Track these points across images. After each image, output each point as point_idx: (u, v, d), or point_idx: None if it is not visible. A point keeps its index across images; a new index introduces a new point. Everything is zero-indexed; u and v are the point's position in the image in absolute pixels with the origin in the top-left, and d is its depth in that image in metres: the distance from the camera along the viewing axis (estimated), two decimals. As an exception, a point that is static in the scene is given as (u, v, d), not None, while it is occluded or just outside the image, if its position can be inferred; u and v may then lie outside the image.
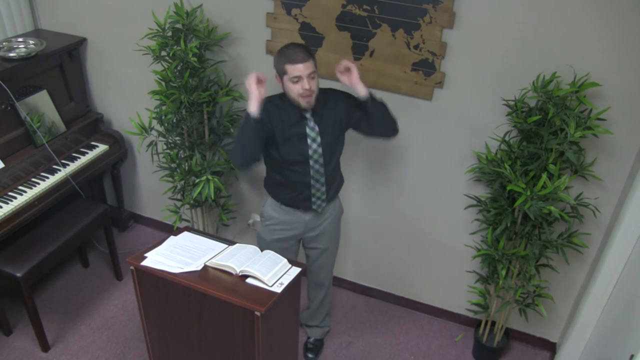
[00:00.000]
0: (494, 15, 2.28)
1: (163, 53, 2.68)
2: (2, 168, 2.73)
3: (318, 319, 2.84)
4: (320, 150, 2.24)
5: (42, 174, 2.90)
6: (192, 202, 3.02)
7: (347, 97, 2.30)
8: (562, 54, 2.24)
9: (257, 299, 1.88)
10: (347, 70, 2.19)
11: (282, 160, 2.27)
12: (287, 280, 1.99)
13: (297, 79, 2.09)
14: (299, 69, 2.07)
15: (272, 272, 1.98)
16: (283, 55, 2.10)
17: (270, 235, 2.48)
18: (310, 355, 2.84)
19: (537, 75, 2.28)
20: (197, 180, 2.82)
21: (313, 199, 2.34)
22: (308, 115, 2.20)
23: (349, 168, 2.91)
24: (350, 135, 2.39)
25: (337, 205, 2.53)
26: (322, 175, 2.31)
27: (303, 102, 2.14)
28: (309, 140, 2.22)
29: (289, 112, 2.19)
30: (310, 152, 2.24)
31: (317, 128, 2.22)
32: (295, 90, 2.12)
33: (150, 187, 3.54)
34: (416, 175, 2.79)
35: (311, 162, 2.26)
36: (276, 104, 2.21)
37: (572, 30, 2.19)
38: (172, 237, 2.19)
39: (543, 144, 2.24)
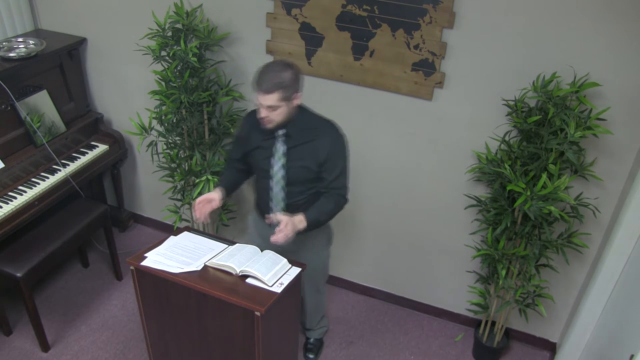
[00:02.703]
0: (494, 15, 2.28)
1: (163, 53, 2.68)
2: (2, 168, 2.73)
3: (312, 322, 2.82)
4: (282, 172, 2.16)
5: (42, 174, 2.90)
6: (192, 202, 3.02)
7: (330, 154, 2.14)
8: (562, 54, 2.24)
9: (257, 299, 1.88)
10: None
11: (254, 167, 2.27)
12: (287, 280, 1.99)
13: (258, 103, 2.03)
14: (258, 97, 1.99)
15: (272, 272, 1.98)
16: (257, 72, 2.00)
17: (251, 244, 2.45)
18: (310, 356, 2.84)
19: (537, 75, 2.28)
20: (197, 180, 2.82)
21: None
22: (279, 133, 2.12)
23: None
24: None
25: (316, 236, 2.35)
26: (282, 200, 2.22)
27: (262, 124, 2.09)
28: (272, 159, 2.16)
29: None
30: (272, 171, 2.17)
31: (282, 149, 2.13)
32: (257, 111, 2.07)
33: (150, 187, 3.54)
34: (416, 175, 2.79)
35: (272, 183, 2.20)
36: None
37: (572, 30, 2.19)
38: (172, 237, 2.19)
39: (543, 144, 2.24)
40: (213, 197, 2.18)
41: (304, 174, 2.16)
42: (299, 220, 2.09)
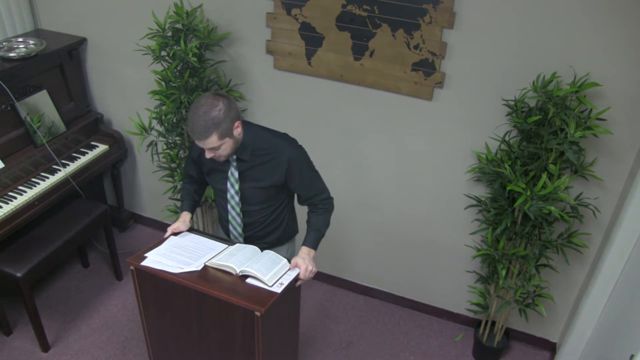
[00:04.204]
0: (494, 15, 2.28)
1: (163, 53, 2.68)
2: (2, 168, 2.73)
3: None
4: (237, 198, 2.11)
5: (42, 174, 2.90)
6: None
7: (291, 172, 2.05)
8: (562, 54, 2.24)
9: (257, 299, 1.88)
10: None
11: (212, 187, 2.23)
12: (287, 280, 1.99)
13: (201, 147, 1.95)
14: (197, 143, 1.92)
15: (272, 272, 1.98)
16: (187, 117, 1.91)
17: None
18: None
19: (537, 75, 2.27)
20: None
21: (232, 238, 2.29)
22: (232, 158, 2.05)
23: (348, 166, 2.91)
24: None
25: (283, 254, 2.23)
26: (239, 225, 2.19)
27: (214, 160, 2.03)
28: (228, 184, 2.11)
29: None
30: (228, 195, 2.13)
31: (236, 174, 2.07)
32: None
33: (150, 187, 3.54)
34: (416, 175, 2.79)
35: (228, 206, 2.16)
36: None
37: (572, 30, 2.19)
38: (172, 237, 2.19)
39: (543, 144, 2.24)
40: (181, 229, 2.19)
41: (261, 194, 2.11)
42: (307, 253, 2.10)
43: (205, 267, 2.02)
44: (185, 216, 2.24)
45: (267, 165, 2.05)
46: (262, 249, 2.15)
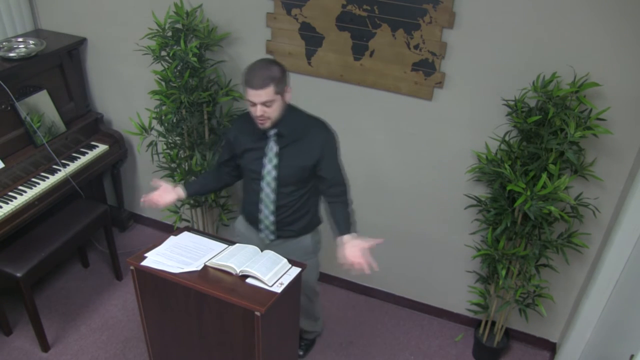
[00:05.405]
0: (494, 15, 2.28)
1: (163, 53, 2.68)
2: (2, 168, 2.73)
3: (304, 325, 2.77)
4: (274, 173, 2.14)
5: (42, 174, 2.90)
6: (192, 202, 3.02)
7: (324, 152, 2.14)
8: (562, 54, 2.24)
9: (257, 299, 1.88)
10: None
11: (244, 170, 2.26)
12: (287, 280, 1.99)
13: (251, 103, 2.01)
14: (250, 94, 1.98)
15: (272, 272, 1.98)
16: (245, 73, 2.00)
17: None
18: (299, 352, 2.83)
19: (537, 75, 2.27)
20: (197, 180, 2.82)
21: (260, 226, 2.29)
22: (271, 133, 2.11)
23: (347, 166, 2.91)
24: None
25: (304, 243, 2.35)
26: (272, 202, 2.21)
27: (257, 124, 2.07)
28: (265, 160, 2.15)
29: (255, 125, 2.11)
30: (264, 171, 2.16)
31: (275, 149, 2.12)
32: (251, 112, 2.05)
33: (151, 187, 3.53)
34: (416, 175, 2.79)
35: (263, 184, 2.18)
36: (248, 116, 2.15)
37: (572, 30, 2.19)
38: (172, 237, 2.19)
39: (543, 144, 2.24)
40: (168, 199, 2.29)
41: (297, 173, 2.16)
42: (347, 239, 2.14)
43: (205, 267, 2.03)
44: (179, 191, 2.30)
45: (305, 142, 2.13)
46: (290, 237, 2.21)
